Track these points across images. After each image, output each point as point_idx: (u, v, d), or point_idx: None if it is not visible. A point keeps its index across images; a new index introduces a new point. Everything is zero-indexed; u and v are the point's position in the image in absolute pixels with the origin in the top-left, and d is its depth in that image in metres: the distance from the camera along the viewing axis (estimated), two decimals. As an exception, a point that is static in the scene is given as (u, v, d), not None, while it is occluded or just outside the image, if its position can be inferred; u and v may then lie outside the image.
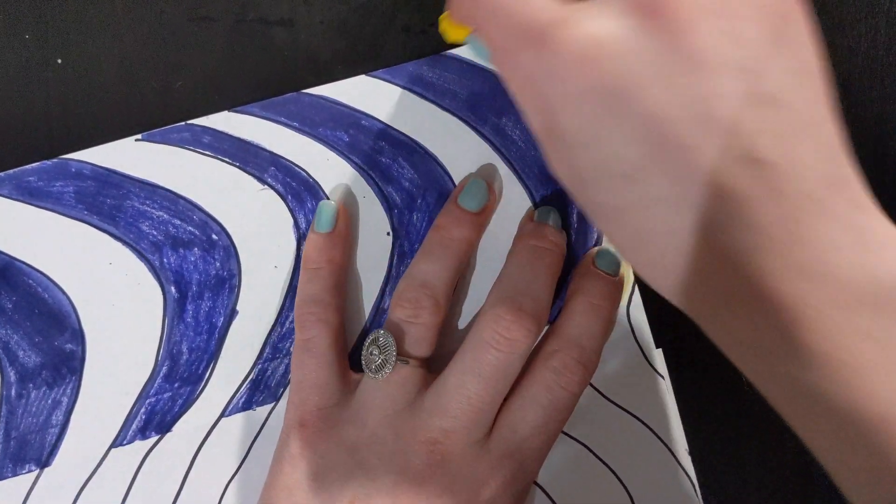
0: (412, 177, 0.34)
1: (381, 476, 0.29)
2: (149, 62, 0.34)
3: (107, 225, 0.33)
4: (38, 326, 0.33)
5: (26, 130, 0.33)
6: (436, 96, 0.33)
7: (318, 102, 0.33)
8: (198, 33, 0.34)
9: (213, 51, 0.34)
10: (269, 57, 0.34)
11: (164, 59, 0.34)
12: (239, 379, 0.33)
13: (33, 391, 0.33)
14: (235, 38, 0.34)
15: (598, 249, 0.33)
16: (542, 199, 0.34)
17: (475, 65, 0.33)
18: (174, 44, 0.34)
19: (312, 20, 0.34)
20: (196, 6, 0.34)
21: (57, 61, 0.34)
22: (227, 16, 0.34)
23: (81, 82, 0.34)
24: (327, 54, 0.34)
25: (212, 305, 0.33)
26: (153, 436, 0.33)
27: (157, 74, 0.34)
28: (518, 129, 0.33)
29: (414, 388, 0.31)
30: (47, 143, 0.33)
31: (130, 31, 0.34)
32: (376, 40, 0.34)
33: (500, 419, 0.31)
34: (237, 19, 0.33)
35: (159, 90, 0.34)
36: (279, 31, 0.33)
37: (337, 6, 0.34)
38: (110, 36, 0.34)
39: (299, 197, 0.33)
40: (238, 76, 0.33)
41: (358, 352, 0.33)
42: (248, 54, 0.33)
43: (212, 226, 0.33)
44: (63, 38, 0.34)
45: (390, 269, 0.34)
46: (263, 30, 0.33)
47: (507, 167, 0.33)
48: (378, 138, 0.33)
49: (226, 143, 0.33)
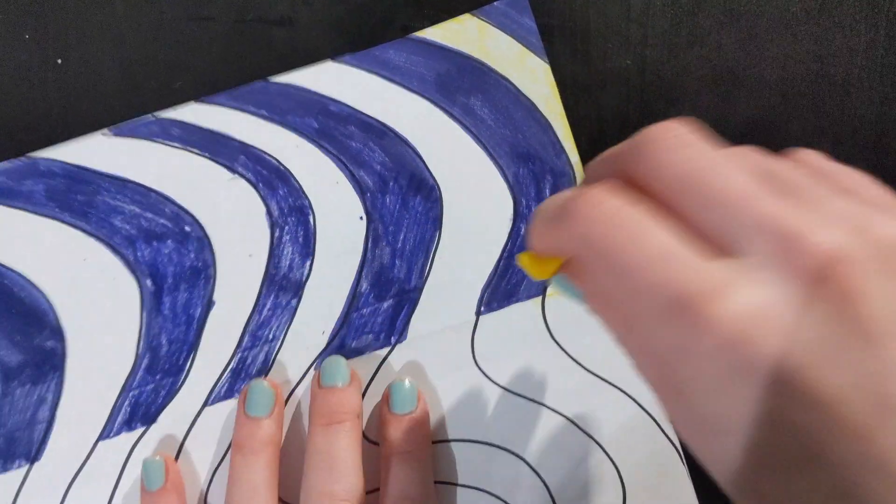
0: (383, 160, 0.33)
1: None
2: (149, 62, 0.33)
3: (79, 221, 0.33)
4: (17, 325, 0.33)
5: (26, 130, 0.33)
6: (403, 79, 0.33)
7: (286, 90, 0.33)
8: (198, 33, 0.33)
9: (213, 51, 0.33)
10: (269, 57, 0.33)
11: (164, 59, 0.33)
12: (220, 368, 0.34)
13: (17, 389, 0.34)
14: (235, 38, 0.33)
15: (389, 395, 0.33)
16: (513, 176, 0.34)
17: (441, 46, 0.33)
18: (174, 44, 0.33)
19: (312, 20, 0.33)
20: (196, 6, 0.33)
21: (57, 61, 0.33)
22: (227, 16, 0.33)
23: (81, 82, 0.33)
24: (327, 54, 0.33)
25: (188, 297, 0.34)
26: (139, 427, 0.34)
27: (157, 74, 0.33)
28: (487, 108, 0.33)
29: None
30: (47, 142, 0.33)
31: (131, 31, 0.33)
32: (376, 40, 0.33)
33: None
34: (237, 19, 0.33)
35: (159, 90, 0.33)
36: (279, 31, 0.33)
37: (337, 6, 0.33)
38: (110, 36, 0.33)
39: (271, 185, 0.33)
40: (238, 76, 0.33)
41: (334, 335, 0.34)
42: (248, 54, 0.33)
43: (184, 217, 0.33)
44: (63, 38, 0.33)
45: (365, 253, 0.34)
46: (263, 30, 0.33)
47: (478, 146, 0.33)
48: (347, 123, 0.33)
49: (195, 135, 0.33)
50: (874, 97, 0.33)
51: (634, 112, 0.34)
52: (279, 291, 0.34)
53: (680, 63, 0.33)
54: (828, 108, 0.34)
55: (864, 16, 0.33)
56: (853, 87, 0.33)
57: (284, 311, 0.34)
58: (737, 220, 0.19)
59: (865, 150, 0.33)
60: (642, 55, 0.33)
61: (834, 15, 0.33)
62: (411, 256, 0.34)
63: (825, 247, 0.18)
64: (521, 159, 0.33)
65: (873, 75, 0.33)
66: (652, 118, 0.33)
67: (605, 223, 0.20)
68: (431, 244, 0.34)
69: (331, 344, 0.34)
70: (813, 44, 0.33)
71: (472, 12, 0.33)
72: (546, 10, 0.33)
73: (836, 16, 0.33)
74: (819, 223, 0.19)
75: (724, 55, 0.33)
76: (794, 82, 0.33)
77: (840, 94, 0.33)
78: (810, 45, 0.33)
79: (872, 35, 0.33)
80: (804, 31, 0.33)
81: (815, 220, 0.19)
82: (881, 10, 0.33)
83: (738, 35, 0.33)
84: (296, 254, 0.34)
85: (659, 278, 0.19)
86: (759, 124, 0.34)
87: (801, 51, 0.33)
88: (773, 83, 0.33)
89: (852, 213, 0.19)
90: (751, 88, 0.34)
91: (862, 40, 0.33)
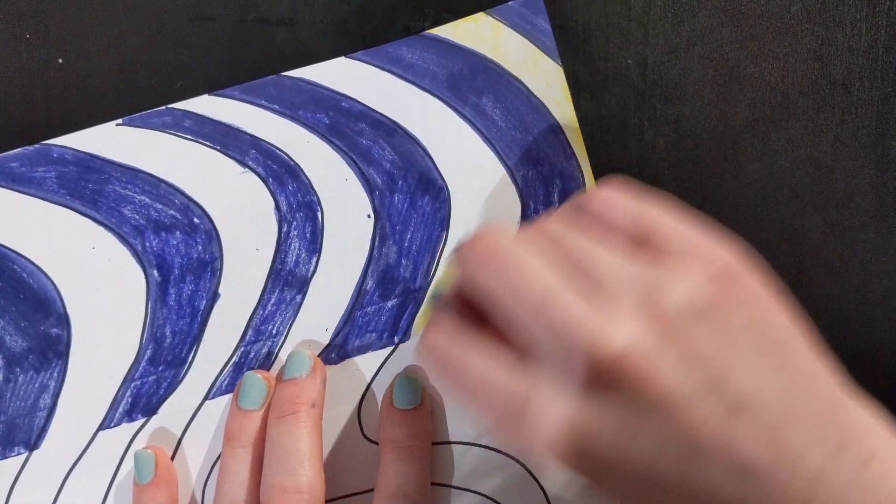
0: (393, 158, 0.33)
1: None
2: (149, 62, 0.34)
3: (89, 210, 0.33)
4: (24, 311, 0.34)
5: (27, 130, 0.34)
6: (415, 77, 0.33)
7: (298, 85, 0.33)
8: (198, 33, 0.34)
9: (214, 51, 0.34)
10: (269, 57, 0.34)
11: (164, 59, 0.34)
12: (222, 361, 0.34)
13: (20, 375, 0.34)
14: (235, 38, 0.34)
15: (393, 389, 0.33)
16: (522, 179, 0.33)
17: (455, 45, 0.33)
18: (174, 44, 0.34)
19: (313, 20, 0.33)
20: (196, 6, 0.33)
21: (57, 61, 0.34)
22: (227, 16, 0.33)
23: (82, 82, 0.34)
24: (328, 54, 0.33)
25: (194, 289, 0.34)
26: (140, 418, 0.34)
27: (157, 74, 0.34)
28: (498, 109, 0.33)
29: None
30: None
31: (131, 31, 0.34)
32: (377, 41, 0.33)
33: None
34: (237, 19, 0.33)
35: (159, 90, 0.34)
36: (279, 31, 0.33)
37: (337, 6, 0.33)
38: (111, 36, 0.34)
39: (280, 179, 0.34)
40: (238, 76, 0.33)
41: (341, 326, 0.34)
42: (248, 54, 0.34)
43: (193, 209, 0.34)
44: (63, 38, 0.34)
45: (372, 251, 0.34)
46: (264, 30, 0.33)
47: (488, 147, 0.33)
48: (358, 120, 0.33)
49: (206, 127, 0.33)
50: (874, 97, 0.33)
51: (635, 112, 0.34)
52: (284, 287, 0.34)
53: (680, 63, 0.33)
54: (828, 108, 0.33)
55: (865, 15, 0.33)
56: (853, 86, 0.33)
57: (289, 307, 0.34)
58: (537, 330, 0.23)
59: (865, 149, 0.33)
60: (643, 54, 0.33)
61: (834, 14, 0.33)
62: (417, 256, 0.34)
63: (616, 345, 0.22)
64: (530, 162, 0.33)
65: (873, 75, 0.33)
66: (652, 118, 0.33)
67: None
68: (438, 244, 0.34)
69: (333, 341, 0.34)
70: (813, 43, 0.33)
71: (486, 11, 0.33)
72: (547, 9, 0.33)
73: (836, 15, 0.33)
74: (607, 320, 0.22)
75: (725, 55, 0.33)
76: (794, 82, 0.33)
77: (840, 93, 0.33)
78: (811, 44, 0.33)
79: (873, 35, 0.33)
80: (805, 31, 0.33)
81: (605, 316, 0.22)
82: (881, 10, 0.33)
83: (738, 35, 0.33)
84: (303, 250, 0.34)
85: (483, 393, 0.24)
86: (759, 124, 0.34)
87: (802, 50, 0.33)
88: (773, 83, 0.33)
89: (641, 278, 0.23)
90: (751, 88, 0.33)
91: (862, 40, 0.33)
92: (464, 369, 0.25)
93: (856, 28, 0.33)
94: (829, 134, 0.33)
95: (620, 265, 0.23)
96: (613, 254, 0.24)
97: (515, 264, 0.24)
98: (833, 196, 0.34)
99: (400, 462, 0.32)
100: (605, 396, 0.22)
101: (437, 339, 0.26)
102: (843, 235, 0.34)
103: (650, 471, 0.22)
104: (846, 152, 0.33)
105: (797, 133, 0.34)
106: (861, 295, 0.34)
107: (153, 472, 0.32)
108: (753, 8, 0.33)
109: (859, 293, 0.34)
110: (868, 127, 0.34)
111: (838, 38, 0.33)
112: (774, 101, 0.33)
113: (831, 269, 0.34)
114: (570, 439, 0.22)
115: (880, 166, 0.34)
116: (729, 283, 0.23)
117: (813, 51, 0.33)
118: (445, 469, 0.34)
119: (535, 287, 0.23)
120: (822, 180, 0.34)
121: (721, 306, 0.22)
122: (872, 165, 0.33)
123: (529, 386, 0.23)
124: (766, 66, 0.33)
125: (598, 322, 0.22)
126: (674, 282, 0.22)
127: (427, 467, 0.32)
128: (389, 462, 0.32)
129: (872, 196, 0.34)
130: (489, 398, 0.24)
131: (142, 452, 0.33)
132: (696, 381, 0.22)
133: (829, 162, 0.34)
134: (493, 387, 0.24)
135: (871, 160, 0.33)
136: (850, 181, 0.34)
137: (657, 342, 0.22)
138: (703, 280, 0.22)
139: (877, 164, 0.34)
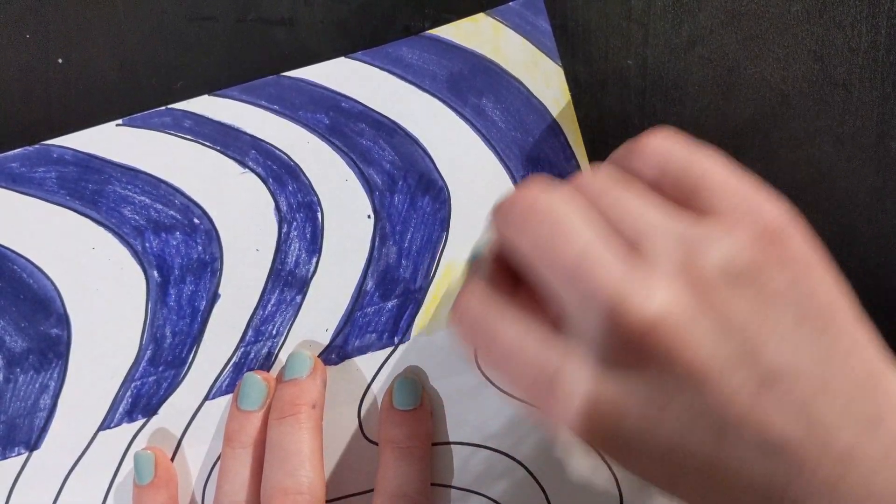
0: (393, 159, 0.33)
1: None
2: (149, 62, 0.34)
3: (89, 210, 0.33)
4: (24, 311, 0.34)
5: (27, 130, 0.34)
6: (416, 77, 0.33)
7: (299, 85, 0.33)
8: (198, 33, 0.34)
9: (214, 51, 0.34)
10: (269, 57, 0.34)
11: (164, 59, 0.34)
12: (222, 362, 0.34)
13: (21, 375, 0.34)
14: (235, 38, 0.34)
15: (393, 390, 0.33)
16: (522, 179, 0.33)
17: (455, 45, 0.33)
18: (174, 44, 0.34)
19: (313, 20, 0.33)
20: (196, 6, 0.33)
21: (57, 61, 0.34)
22: (227, 16, 0.33)
23: (82, 82, 0.34)
24: (328, 54, 0.33)
25: (194, 289, 0.34)
26: (140, 418, 0.34)
27: (157, 74, 0.34)
28: (498, 109, 0.33)
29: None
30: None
31: (131, 31, 0.34)
32: (377, 41, 0.33)
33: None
34: (237, 19, 0.33)
35: (159, 90, 0.34)
36: (280, 31, 0.33)
37: (337, 6, 0.33)
38: (111, 36, 0.34)
39: (280, 180, 0.34)
40: (238, 76, 0.33)
41: (338, 334, 0.34)
42: (248, 54, 0.34)
43: (193, 210, 0.34)
44: (63, 38, 0.34)
45: (372, 251, 0.34)
46: (264, 30, 0.33)
47: (488, 148, 0.33)
48: (358, 120, 0.33)
49: (207, 128, 0.33)
50: (874, 97, 0.33)
51: (635, 112, 0.34)
52: (284, 287, 0.34)
53: (680, 63, 0.33)
54: (828, 108, 0.33)
55: (865, 16, 0.33)
56: (853, 87, 0.33)
57: (289, 307, 0.34)
58: (571, 298, 0.22)
59: (865, 149, 0.33)
60: (643, 55, 0.33)
61: (834, 15, 0.33)
62: (418, 257, 0.34)
63: (649, 313, 0.21)
64: (530, 163, 0.33)
65: (874, 75, 0.33)
66: (652, 118, 0.33)
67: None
68: (438, 245, 0.34)
69: (334, 342, 0.34)
70: (813, 44, 0.33)
71: (486, 12, 0.33)
72: (547, 9, 0.33)
73: (836, 16, 0.33)
74: (642, 284, 0.21)
75: (725, 55, 0.33)
76: (794, 82, 0.33)
77: (840, 94, 0.33)
78: (811, 44, 0.33)
79: (873, 35, 0.33)
80: (805, 31, 0.33)
81: (640, 280, 0.21)
82: (881, 10, 0.33)
83: (738, 35, 0.33)
84: (303, 250, 0.34)
85: (513, 364, 0.23)
86: (759, 124, 0.34)
87: (802, 51, 0.33)
88: (774, 83, 0.33)
89: (682, 238, 0.22)
90: (751, 88, 0.33)
91: (862, 40, 0.33)
92: (495, 338, 0.24)
93: (856, 29, 0.33)
94: (829, 134, 0.33)
95: (662, 223, 0.22)
96: (657, 210, 0.22)
97: (553, 224, 0.23)
98: (833, 196, 0.34)
99: (400, 462, 0.32)
100: (634, 370, 0.21)
101: (469, 304, 0.25)
102: (843, 235, 0.34)
103: (677, 451, 0.21)
104: (846, 153, 0.33)
105: (797, 133, 0.34)
106: (861, 295, 0.34)
107: (153, 473, 0.32)
108: (753, 8, 0.33)
109: (859, 293, 0.34)
110: (868, 128, 0.34)
111: (838, 39, 0.33)
112: (774, 101, 0.33)
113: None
114: (595, 418, 0.21)
115: (880, 167, 0.34)
116: (773, 243, 0.22)
117: (813, 51, 0.33)
118: (445, 470, 0.34)
119: (572, 251, 0.22)
120: (822, 180, 0.34)
121: (762, 269, 0.21)
122: (872, 166, 0.33)
123: (560, 358, 0.22)
124: (766, 67, 0.33)
125: (632, 287, 0.21)
126: (715, 242, 0.21)
127: (427, 468, 0.32)
128: (389, 462, 0.32)
129: (872, 196, 0.34)
130: (519, 370, 0.23)
131: (142, 453, 0.33)
132: (727, 351, 0.21)
133: (829, 162, 0.34)
134: (524, 357, 0.23)
135: (871, 160, 0.33)
136: (850, 181, 0.34)
137: (691, 309, 0.21)
138: (746, 240, 0.21)
139: (877, 164, 0.34)
